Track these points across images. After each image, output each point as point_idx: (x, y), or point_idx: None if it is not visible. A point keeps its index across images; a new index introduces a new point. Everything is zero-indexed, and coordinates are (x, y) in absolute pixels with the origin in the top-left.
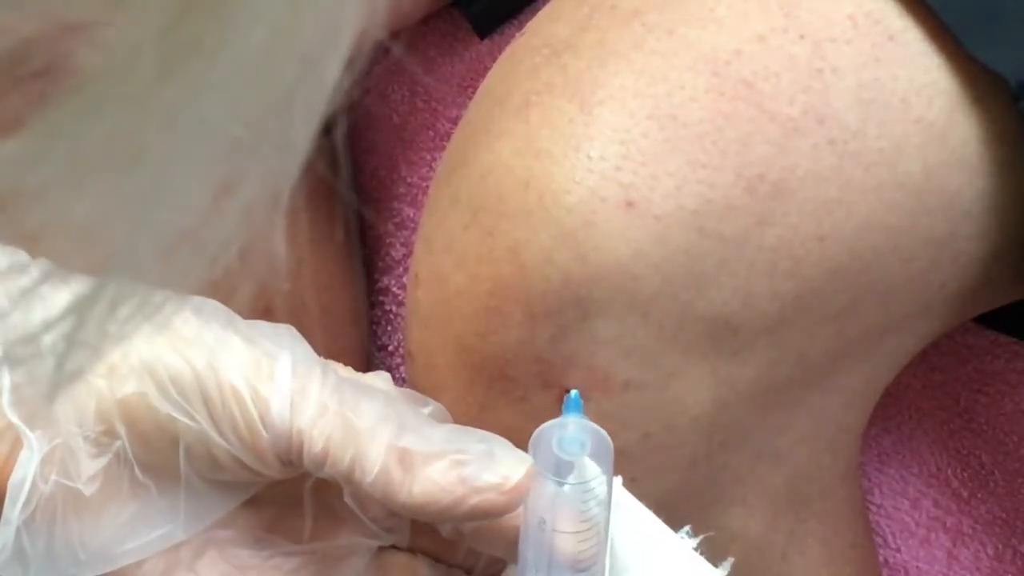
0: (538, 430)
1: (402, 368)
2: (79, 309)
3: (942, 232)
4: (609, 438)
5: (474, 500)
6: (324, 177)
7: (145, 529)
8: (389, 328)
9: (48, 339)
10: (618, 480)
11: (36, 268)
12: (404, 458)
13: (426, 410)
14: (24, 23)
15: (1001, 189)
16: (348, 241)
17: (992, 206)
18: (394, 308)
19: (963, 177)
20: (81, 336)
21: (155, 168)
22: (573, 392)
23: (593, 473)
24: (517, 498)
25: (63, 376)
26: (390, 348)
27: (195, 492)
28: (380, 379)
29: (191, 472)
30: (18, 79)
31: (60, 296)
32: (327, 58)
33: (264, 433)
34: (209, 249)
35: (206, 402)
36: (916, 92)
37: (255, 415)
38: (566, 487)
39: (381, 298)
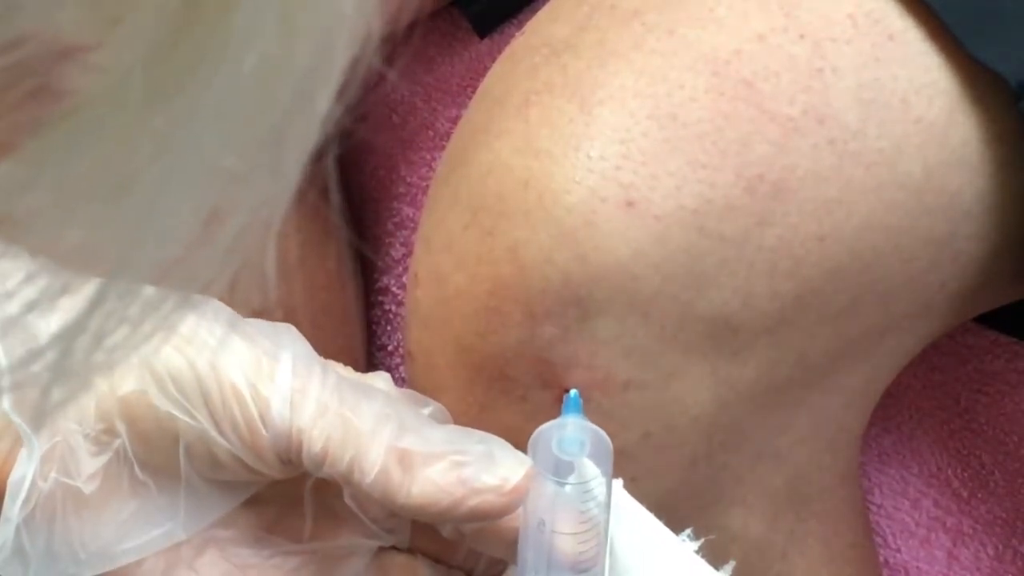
0: (537, 431)
1: (402, 368)
2: (66, 338)
3: (942, 232)
4: (608, 439)
5: (473, 501)
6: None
7: (145, 528)
8: (389, 328)
9: (36, 368)
10: (619, 483)
11: (22, 296)
12: (404, 459)
13: (426, 410)
14: (17, 46)
15: (1001, 189)
16: (344, 240)
17: (992, 206)
18: (394, 308)
19: (963, 177)
20: (68, 365)
21: (146, 194)
22: (573, 392)
23: (592, 474)
24: (516, 499)
25: (49, 405)
26: (390, 348)
27: (195, 491)
28: (380, 379)
29: (191, 471)
30: (10, 102)
31: (48, 323)
32: (319, 85)
33: (264, 432)
34: (200, 276)
35: (206, 401)
36: (916, 92)
37: (255, 414)
38: (566, 488)
39: (381, 298)
